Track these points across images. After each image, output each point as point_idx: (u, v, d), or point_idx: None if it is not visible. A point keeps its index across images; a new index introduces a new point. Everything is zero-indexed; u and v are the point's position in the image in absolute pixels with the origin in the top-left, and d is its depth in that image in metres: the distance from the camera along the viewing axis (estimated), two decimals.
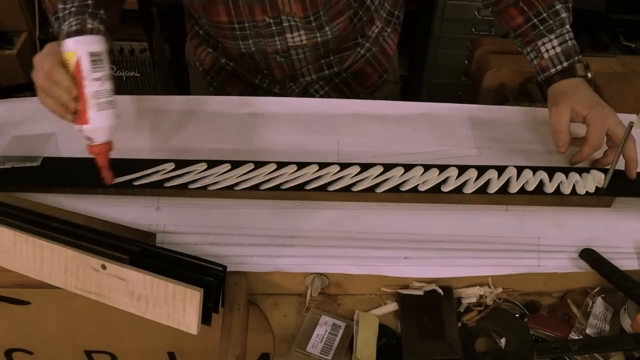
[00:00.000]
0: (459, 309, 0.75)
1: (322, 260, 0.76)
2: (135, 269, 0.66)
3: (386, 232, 0.80)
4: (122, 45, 2.17)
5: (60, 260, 0.69)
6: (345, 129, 0.95)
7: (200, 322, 0.66)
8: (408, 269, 0.76)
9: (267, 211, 0.81)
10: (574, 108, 0.85)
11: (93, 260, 0.67)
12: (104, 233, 0.73)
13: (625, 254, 0.78)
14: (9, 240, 0.71)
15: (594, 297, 0.76)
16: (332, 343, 0.71)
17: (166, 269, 0.67)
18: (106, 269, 0.67)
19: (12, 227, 0.71)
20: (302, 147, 0.91)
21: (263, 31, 0.97)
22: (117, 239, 0.71)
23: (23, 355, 0.93)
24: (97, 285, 0.69)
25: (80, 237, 0.70)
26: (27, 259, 0.71)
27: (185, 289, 0.64)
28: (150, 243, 0.76)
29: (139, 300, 0.67)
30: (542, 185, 0.82)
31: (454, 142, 0.93)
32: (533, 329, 0.74)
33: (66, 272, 0.69)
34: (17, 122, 0.94)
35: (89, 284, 0.69)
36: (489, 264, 0.76)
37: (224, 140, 0.92)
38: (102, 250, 0.68)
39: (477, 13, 2.04)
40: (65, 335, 0.89)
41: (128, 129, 0.93)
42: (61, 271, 0.70)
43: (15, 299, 0.81)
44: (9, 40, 2.15)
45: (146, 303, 0.67)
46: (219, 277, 0.68)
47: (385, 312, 0.76)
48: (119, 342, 0.91)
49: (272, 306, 0.77)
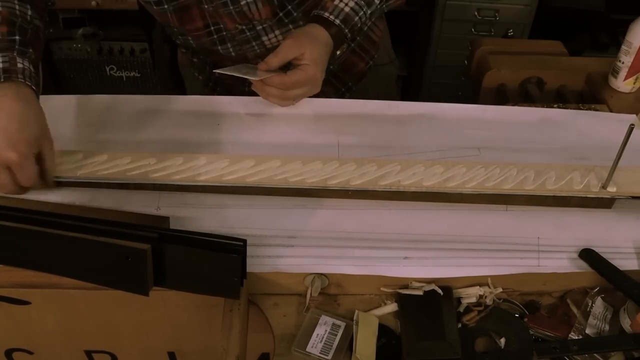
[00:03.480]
0: (458, 309, 0.75)
1: (322, 261, 0.76)
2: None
3: (386, 232, 0.80)
4: (122, 45, 2.17)
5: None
6: (345, 129, 0.95)
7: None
8: (408, 269, 0.76)
9: (267, 211, 0.81)
10: (296, 39, 0.88)
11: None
12: (119, 223, 0.72)
13: (625, 254, 0.78)
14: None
15: (593, 297, 0.76)
16: (332, 343, 0.71)
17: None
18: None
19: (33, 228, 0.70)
20: (302, 147, 0.91)
21: (238, 37, 0.97)
22: (134, 227, 0.70)
23: (23, 355, 0.93)
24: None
25: (97, 232, 0.69)
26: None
27: None
28: (165, 227, 0.76)
29: None
30: (543, 182, 0.82)
31: (454, 142, 0.93)
32: (533, 329, 0.74)
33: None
34: None
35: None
36: (489, 264, 0.76)
37: (224, 140, 0.92)
38: (121, 243, 0.68)
39: (477, 13, 2.04)
40: (65, 335, 0.89)
41: (128, 128, 0.93)
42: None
43: (15, 299, 0.81)
44: None
45: None
46: (241, 251, 0.69)
47: (385, 312, 0.76)
48: (119, 342, 0.91)
49: (272, 306, 0.77)
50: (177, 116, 0.97)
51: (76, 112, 0.97)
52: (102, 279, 0.73)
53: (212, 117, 0.96)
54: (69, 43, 2.19)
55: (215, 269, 0.69)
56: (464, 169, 0.83)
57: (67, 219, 0.71)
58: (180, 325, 0.86)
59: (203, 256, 0.68)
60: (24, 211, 0.72)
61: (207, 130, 0.94)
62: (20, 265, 0.75)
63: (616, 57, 1.13)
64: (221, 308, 0.72)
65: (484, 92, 1.31)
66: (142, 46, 2.15)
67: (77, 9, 2.15)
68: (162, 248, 0.68)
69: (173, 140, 0.92)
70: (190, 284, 0.72)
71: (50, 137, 0.77)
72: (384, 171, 0.83)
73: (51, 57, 2.22)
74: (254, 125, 0.96)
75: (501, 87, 1.29)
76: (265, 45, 1.00)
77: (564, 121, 0.99)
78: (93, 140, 0.91)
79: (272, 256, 0.76)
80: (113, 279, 0.72)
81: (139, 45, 2.15)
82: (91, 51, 2.20)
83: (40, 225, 0.70)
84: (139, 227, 0.70)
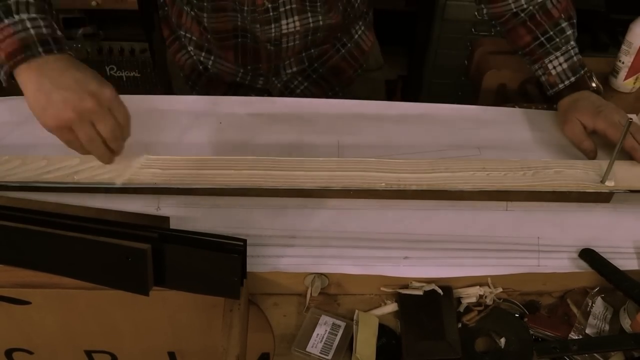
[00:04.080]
0: (458, 309, 0.75)
1: (322, 260, 0.76)
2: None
3: (386, 232, 0.80)
4: (122, 45, 2.17)
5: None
6: (345, 129, 0.95)
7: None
8: (408, 269, 0.76)
9: (267, 211, 0.81)
10: (579, 119, 0.90)
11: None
12: (119, 223, 0.72)
13: (625, 253, 0.78)
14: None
15: (593, 297, 0.76)
16: (332, 343, 0.71)
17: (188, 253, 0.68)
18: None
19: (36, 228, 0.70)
20: (302, 147, 0.91)
21: (260, 17, 0.96)
22: (134, 227, 0.70)
23: (23, 355, 0.93)
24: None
25: (98, 232, 0.69)
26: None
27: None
28: (165, 227, 0.76)
29: None
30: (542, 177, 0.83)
31: (454, 142, 0.93)
32: (533, 328, 0.74)
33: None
34: (17, 122, 0.94)
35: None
36: (489, 263, 0.76)
37: (224, 140, 0.92)
38: (121, 243, 0.68)
39: (477, 13, 2.04)
40: (65, 335, 0.89)
41: None
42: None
43: (15, 299, 0.81)
44: None
45: None
46: (241, 251, 0.69)
47: (385, 312, 0.76)
48: (119, 342, 0.91)
49: (272, 306, 0.77)
50: (177, 116, 0.97)
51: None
52: (102, 278, 0.73)
53: (212, 117, 0.96)
54: (69, 43, 2.17)
55: (216, 268, 0.69)
56: (465, 167, 0.84)
57: (67, 219, 0.71)
58: (180, 325, 0.86)
59: (203, 256, 0.68)
60: (25, 211, 0.72)
61: (207, 130, 0.94)
62: (20, 265, 0.75)
63: (616, 57, 1.13)
64: (221, 308, 0.72)
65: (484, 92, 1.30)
66: (142, 46, 2.15)
67: (77, 9, 2.15)
68: (163, 248, 0.68)
69: (173, 139, 0.92)
70: (190, 283, 0.72)
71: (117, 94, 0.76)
72: (384, 171, 0.83)
73: None
74: (254, 125, 0.96)
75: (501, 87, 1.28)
76: (281, 30, 0.99)
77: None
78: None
79: (272, 256, 0.76)
80: (113, 279, 0.72)
81: (139, 45, 2.15)
82: (91, 51, 2.20)
83: (40, 225, 0.70)
84: (139, 227, 0.70)
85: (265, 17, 0.96)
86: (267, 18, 0.97)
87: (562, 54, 0.95)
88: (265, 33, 0.99)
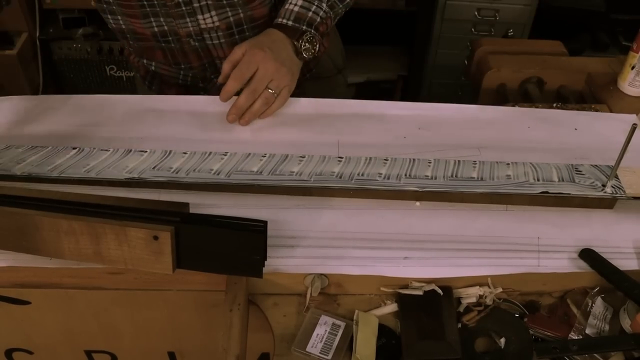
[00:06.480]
0: (458, 309, 0.75)
1: (322, 261, 0.76)
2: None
3: (386, 232, 0.80)
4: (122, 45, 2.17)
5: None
6: (345, 129, 0.95)
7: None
8: (408, 269, 0.76)
9: (267, 211, 0.81)
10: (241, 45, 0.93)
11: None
12: (141, 209, 0.72)
13: (625, 254, 0.78)
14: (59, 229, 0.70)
15: (593, 297, 0.76)
16: (331, 343, 0.71)
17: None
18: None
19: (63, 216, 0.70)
20: (302, 147, 0.91)
21: (172, 11, 0.97)
22: (156, 212, 0.71)
23: (23, 355, 0.93)
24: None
25: (120, 218, 0.70)
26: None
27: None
28: (186, 211, 0.77)
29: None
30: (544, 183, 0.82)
31: (454, 142, 0.93)
32: (533, 329, 0.74)
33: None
34: (17, 121, 0.94)
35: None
36: (489, 264, 0.76)
37: (223, 140, 0.92)
38: (145, 226, 0.68)
39: (477, 13, 2.04)
40: (65, 335, 0.89)
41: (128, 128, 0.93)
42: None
43: (15, 299, 0.81)
44: (9, 41, 2.15)
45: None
46: (262, 231, 0.69)
47: (385, 312, 0.76)
48: (119, 342, 0.91)
49: (272, 306, 0.77)
50: (176, 116, 0.97)
51: (76, 111, 0.97)
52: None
53: (213, 117, 0.96)
54: (69, 43, 2.19)
55: (238, 248, 0.70)
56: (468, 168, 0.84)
57: (89, 207, 0.72)
58: (180, 325, 0.86)
59: (226, 236, 0.69)
60: (46, 201, 0.73)
61: (207, 130, 0.94)
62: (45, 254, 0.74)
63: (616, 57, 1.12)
64: (221, 308, 0.72)
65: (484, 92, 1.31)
66: None
67: (77, 9, 2.15)
68: (185, 230, 0.68)
69: (172, 139, 0.92)
70: (212, 264, 0.73)
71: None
72: (384, 171, 0.83)
73: (51, 57, 2.22)
74: (254, 124, 0.96)
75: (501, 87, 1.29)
76: (199, 25, 1.00)
77: (564, 121, 0.99)
78: (93, 139, 0.91)
79: (272, 256, 0.76)
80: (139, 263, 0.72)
81: None
82: (91, 51, 2.20)
83: (66, 213, 0.70)
84: (160, 212, 0.71)
85: (178, 12, 0.97)
86: (180, 12, 0.97)
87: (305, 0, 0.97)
88: (182, 27, 1.00)
